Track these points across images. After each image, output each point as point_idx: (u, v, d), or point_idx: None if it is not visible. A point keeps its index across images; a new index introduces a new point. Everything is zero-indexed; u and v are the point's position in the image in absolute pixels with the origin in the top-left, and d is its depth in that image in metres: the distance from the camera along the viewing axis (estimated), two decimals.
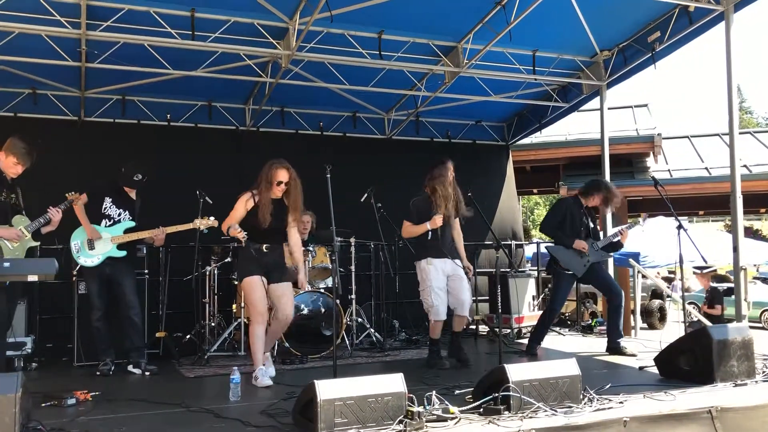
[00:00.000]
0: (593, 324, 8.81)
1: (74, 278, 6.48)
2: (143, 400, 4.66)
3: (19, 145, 5.20)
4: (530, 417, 3.86)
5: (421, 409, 3.74)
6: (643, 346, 6.98)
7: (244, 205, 5.36)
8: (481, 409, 3.98)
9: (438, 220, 5.93)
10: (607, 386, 4.57)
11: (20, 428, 3.14)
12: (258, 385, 5.12)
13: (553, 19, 7.48)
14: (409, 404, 3.72)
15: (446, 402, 3.93)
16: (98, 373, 5.79)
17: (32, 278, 4.06)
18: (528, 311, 8.22)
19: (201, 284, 7.09)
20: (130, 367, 5.98)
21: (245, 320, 6.75)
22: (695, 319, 9.26)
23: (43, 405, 4.43)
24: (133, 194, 6.17)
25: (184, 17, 6.67)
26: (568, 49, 8.32)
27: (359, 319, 7.28)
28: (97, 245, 5.85)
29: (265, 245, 5.37)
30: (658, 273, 11.79)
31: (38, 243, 5.55)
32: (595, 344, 7.32)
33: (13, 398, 3.13)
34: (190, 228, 6.02)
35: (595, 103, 9.35)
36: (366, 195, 7.15)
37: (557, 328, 8.80)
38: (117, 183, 6.10)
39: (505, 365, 4.07)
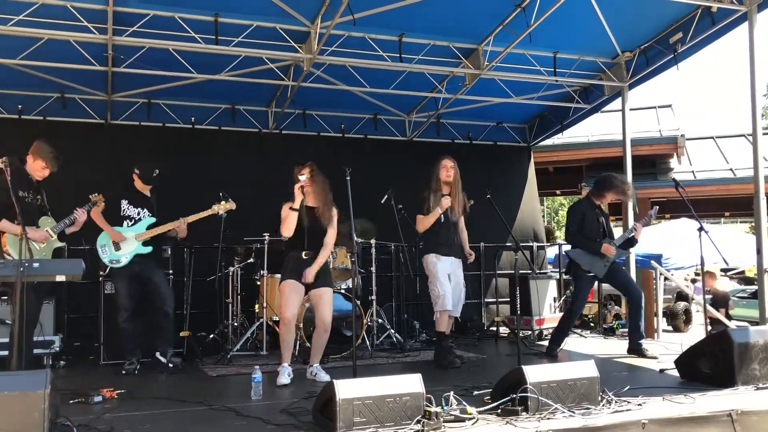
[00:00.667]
0: (615, 326, 8.78)
1: (101, 278, 6.61)
2: (167, 398, 4.77)
3: (46, 149, 5.36)
4: (548, 418, 3.89)
5: (438, 409, 3.78)
6: (665, 349, 6.94)
7: (285, 209, 5.45)
8: (499, 410, 4.02)
9: (445, 202, 6.11)
10: (626, 388, 4.56)
11: (49, 424, 3.23)
12: (276, 383, 5.20)
13: (573, 21, 7.46)
14: (426, 404, 3.77)
15: (464, 402, 3.97)
16: (124, 372, 5.91)
17: (60, 278, 4.17)
18: (549, 313, 8.21)
19: (224, 284, 7.19)
20: (157, 354, 6.10)
21: (267, 320, 6.83)
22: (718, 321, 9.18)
23: (71, 402, 4.55)
24: (147, 191, 6.27)
25: (208, 22, 6.79)
26: (590, 50, 8.29)
27: (380, 320, 7.34)
28: (123, 245, 5.97)
29: (304, 253, 5.46)
30: (687, 275, 11.66)
31: (64, 244, 5.71)
32: (617, 346, 7.29)
33: (42, 395, 3.22)
34: (209, 214, 6.11)
35: (617, 103, 9.32)
36: (386, 197, 7.20)
37: (579, 330, 8.78)
38: (129, 183, 6.20)
39: (523, 366, 4.09)
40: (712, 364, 4.94)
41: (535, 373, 4.07)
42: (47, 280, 4.22)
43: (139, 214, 6.13)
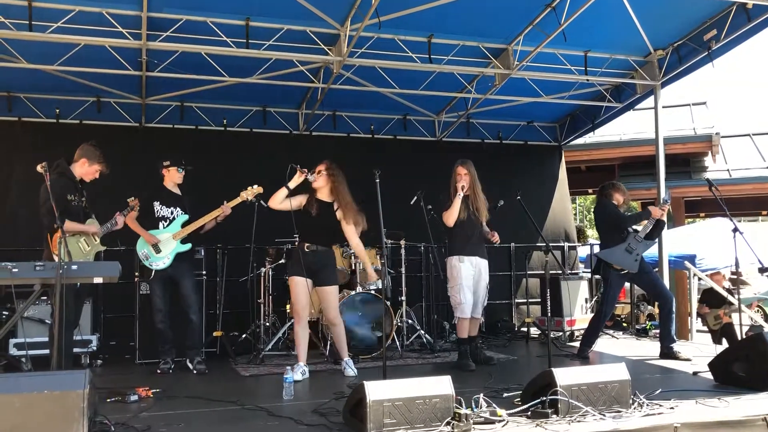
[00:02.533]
0: (648, 327, 8.68)
1: (136, 279, 6.75)
2: (200, 397, 4.85)
3: (98, 153, 5.53)
4: (578, 421, 3.88)
5: (468, 411, 3.79)
6: (699, 351, 6.85)
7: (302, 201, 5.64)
8: (529, 413, 4.02)
9: (460, 188, 6.15)
10: (658, 391, 4.53)
11: (88, 422, 3.33)
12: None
13: (604, 20, 7.39)
14: (456, 406, 3.79)
15: (494, 405, 3.98)
16: (159, 371, 6.03)
17: (98, 280, 4.28)
18: (581, 314, 8.15)
19: (256, 285, 7.29)
20: (186, 361, 6.21)
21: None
22: (756, 323, 9.02)
23: (108, 400, 4.66)
24: (176, 189, 6.37)
25: (239, 26, 6.88)
26: (621, 48, 8.20)
27: (409, 321, 7.36)
28: (162, 247, 6.09)
29: (306, 245, 5.52)
30: (724, 276, 11.44)
31: (105, 247, 5.85)
32: (650, 348, 7.22)
33: (81, 394, 3.31)
34: (239, 201, 6.18)
35: (649, 102, 9.19)
36: (415, 198, 7.22)
37: (611, 331, 8.70)
38: (159, 184, 6.32)
39: (553, 369, 4.09)
40: (747, 367, 4.86)
41: (566, 375, 4.06)
42: (85, 282, 4.33)
43: (172, 213, 6.24)
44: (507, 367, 6.31)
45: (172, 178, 6.32)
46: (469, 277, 6.13)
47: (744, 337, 7.87)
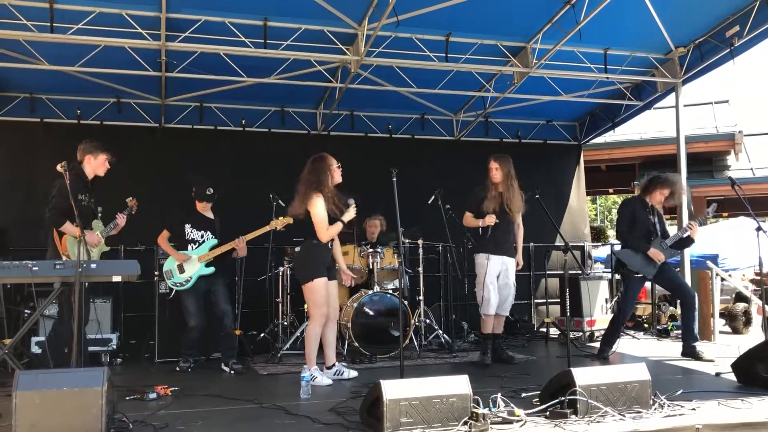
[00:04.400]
0: (670, 328, 8.57)
1: (156, 278, 6.80)
2: (218, 396, 4.87)
3: (96, 144, 5.60)
4: (597, 422, 3.83)
5: (486, 410, 3.76)
6: (722, 351, 6.75)
7: (324, 207, 5.39)
8: (548, 413, 3.98)
9: (488, 220, 6.09)
10: (679, 392, 4.47)
11: (106, 419, 3.35)
12: (317, 384, 5.18)
13: (624, 17, 7.33)
14: (473, 406, 3.76)
15: (511, 404, 3.95)
16: (177, 369, 6.08)
17: (116, 279, 4.32)
18: (601, 314, 8.06)
19: (274, 284, 7.30)
20: (222, 365, 6.22)
21: None
22: None
23: (127, 398, 4.69)
24: (209, 213, 6.44)
25: (257, 26, 6.92)
26: (641, 46, 8.12)
27: (427, 321, 7.33)
28: (187, 268, 6.15)
29: (330, 242, 5.50)
30: (744, 276, 11.28)
31: (109, 248, 5.89)
32: (671, 349, 7.13)
33: (99, 391, 3.34)
34: (267, 230, 6.24)
35: (670, 100, 9.09)
36: (433, 197, 7.20)
37: (632, 332, 8.61)
38: (192, 208, 6.37)
39: (572, 369, 4.04)
40: None
41: (585, 375, 4.01)
42: (104, 280, 4.36)
43: (202, 236, 6.30)
44: (526, 367, 6.26)
45: (200, 207, 6.40)
46: (494, 275, 6.12)
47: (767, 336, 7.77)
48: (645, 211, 6.54)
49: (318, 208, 5.35)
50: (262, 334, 7.25)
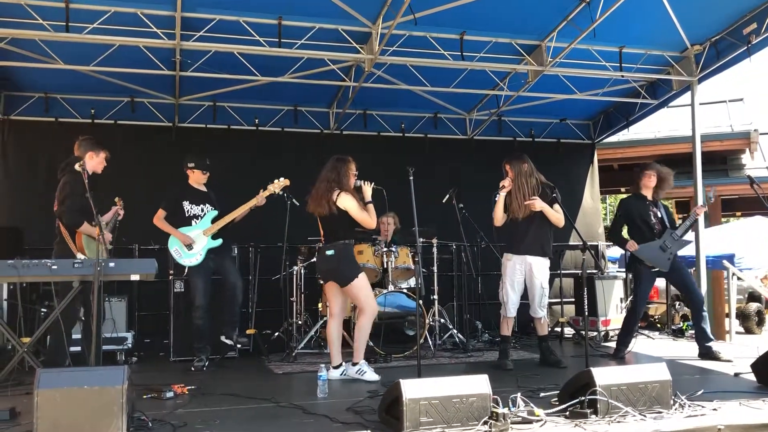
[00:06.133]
0: (685, 328, 8.52)
1: (171, 277, 6.81)
2: (235, 394, 4.87)
3: (94, 141, 5.65)
4: (618, 422, 3.80)
5: (505, 410, 3.74)
6: (740, 351, 6.70)
7: (353, 199, 5.45)
8: (567, 413, 3.95)
9: (505, 184, 6.00)
10: (700, 392, 4.43)
11: (126, 418, 3.36)
12: (365, 379, 5.31)
13: (640, 14, 7.26)
14: (493, 405, 3.74)
15: (531, 404, 3.93)
16: (192, 369, 6.07)
17: (135, 277, 4.32)
18: (615, 314, 8.02)
19: (288, 283, 7.30)
20: (222, 338, 6.26)
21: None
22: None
23: (144, 397, 4.69)
24: (202, 186, 6.45)
25: (272, 25, 6.90)
26: (657, 44, 8.06)
27: (442, 320, 7.31)
28: (195, 244, 6.14)
29: (360, 240, 5.55)
30: (758, 276, 11.20)
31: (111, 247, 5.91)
32: (687, 348, 7.08)
33: (120, 390, 3.35)
34: (268, 194, 6.27)
35: (685, 98, 9.03)
36: (447, 196, 7.17)
37: (647, 332, 8.57)
38: (185, 183, 6.38)
39: (592, 368, 4.02)
40: None
41: (605, 375, 3.98)
42: (122, 279, 4.37)
43: (202, 210, 6.32)
44: (543, 367, 6.21)
45: (197, 179, 6.41)
46: (514, 276, 6.05)
47: None
48: (644, 205, 6.56)
49: (351, 204, 5.42)
50: (276, 333, 7.24)
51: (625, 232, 6.79)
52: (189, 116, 8.86)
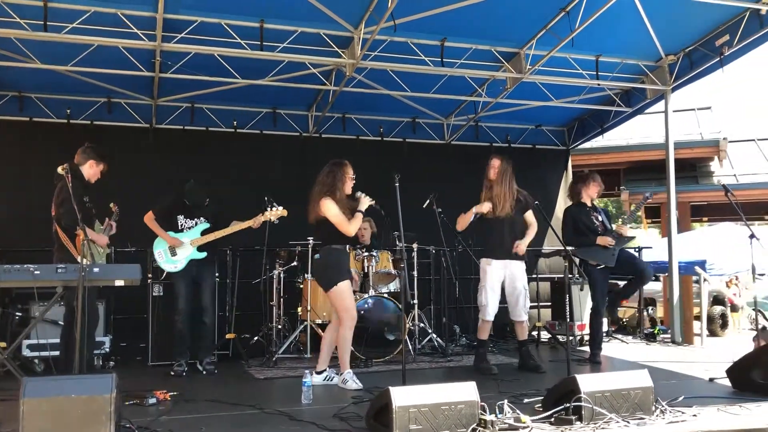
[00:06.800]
0: (656, 332, 8.68)
1: (149, 281, 6.74)
2: (219, 401, 4.83)
3: (100, 152, 5.57)
4: (602, 428, 3.87)
5: (493, 417, 3.79)
6: (708, 357, 6.88)
7: (336, 206, 5.40)
8: (552, 419, 4.01)
9: (484, 206, 6.08)
10: (680, 398, 4.52)
11: (115, 427, 3.32)
12: (347, 389, 5.25)
13: (617, 24, 7.39)
14: (481, 412, 3.78)
15: (518, 411, 3.98)
16: (172, 373, 6.01)
17: (119, 283, 4.27)
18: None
19: (268, 287, 7.27)
20: (197, 364, 6.24)
21: (311, 323, 6.88)
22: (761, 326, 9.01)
23: (126, 403, 4.63)
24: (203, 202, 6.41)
25: (254, 28, 6.87)
26: (633, 53, 8.20)
27: (421, 324, 7.35)
28: (179, 250, 6.11)
29: (348, 246, 5.51)
30: (730, 280, 11.44)
31: (110, 249, 5.86)
32: (661, 353, 7.24)
33: (108, 398, 3.31)
34: (263, 221, 6.17)
35: (657, 106, 9.20)
36: (428, 201, 7.20)
37: (620, 336, 8.71)
38: (184, 201, 6.33)
39: (576, 375, 4.08)
40: (765, 374, 4.85)
41: (589, 382, 4.05)
42: (107, 284, 4.32)
43: (196, 224, 6.28)
44: (522, 372, 6.27)
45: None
46: (495, 280, 6.09)
47: (754, 340, 7.91)
48: (585, 211, 6.80)
49: (331, 209, 5.37)
50: (255, 338, 7.19)
51: None
52: (167, 118, 8.76)
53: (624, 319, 9.91)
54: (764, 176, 11.84)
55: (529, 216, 6.33)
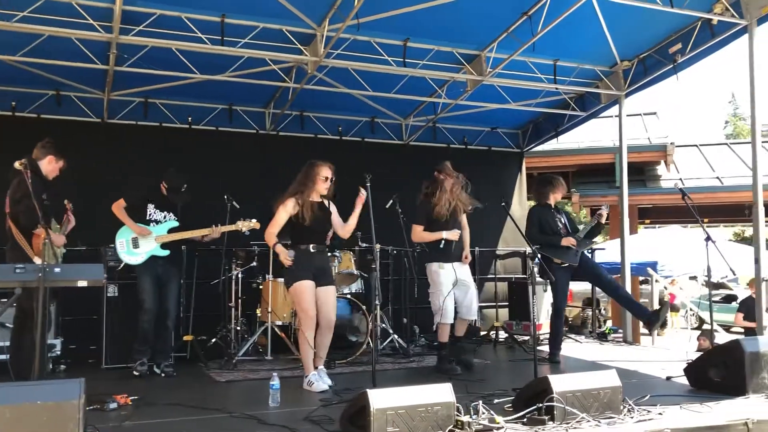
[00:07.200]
0: (607, 331, 8.87)
1: (104, 280, 6.49)
2: (183, 405, 4.69)
3: (57, 147, 5.34)
4: (575, 428, 3.92)
5: (468, 418, 3.78)
6: (665, 355, 7.08)
7: (285, 210, 5.37)
8: (525, 419, 4.03)
9: (455, 235, 6.19)
10: (647, 397, 4.62)
11: None
12: (314, 390, 5.17)
13: (576, 30, 7.49)
14: (457, 414, 3.78)
15: (491, 412, 3.99)
16: (136, 373, 5.83)
17: (82, 283, 4.09)
18: (546, 319, 8.27)
19: (226, 288, 7.11)
20: (154, 367, 6.05)
21: (271, 324, 6.77)
22: (706, 327, 9.34)
23: (87, 408, 4.43)
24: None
25: (214, 22, 6.70)
26: (589, 58, 8.37)
27: (383, 325, 7.31)
28: (142, 243, 5.94)
29: (311, 245, 5.42)
30: (673, 281, 11.79)
31: (66, 249, 5.63)
32: (615, 352, 7.40)
33: (77, 404, 3.17)
34: (232, 230, 6.09)
35: (609, 110, 9.39)
36: (391, 201, 7.18)
37: (573, 335, 8.87)
38: (158, 189, 6.16)
39: (549, 376, 4.12)
40: (722, 372, 5.01)
41: (560, 382, 4.09)
42: (69, 285, 4.12)
43: (165, 217, 6.12)
44: (484, 372, 6.32)
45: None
46: (450, 283, 6.12)
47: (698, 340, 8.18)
48: (550, 213, 6.91)
49: (279, 212, 5.39)
50: (213, 340, 7.02)
51: None
52: (119, 112, 8.47)
53: (570, 319, 10.10)
54: (707, 181, 12.27)
55: (464, 220, 6.47)
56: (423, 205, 6.34)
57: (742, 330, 9.48)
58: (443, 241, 6.18)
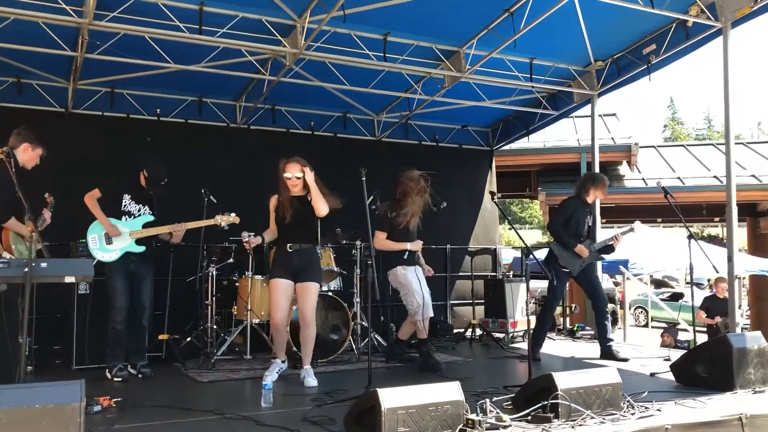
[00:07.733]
0: (576, 329, 8.96)
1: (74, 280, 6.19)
2: (170, 406, 4.49)
3: (36, 136, 5.09)
4: (580, 425, 3.90)
5: (477, 416, 3.72)
6: (636, 351, 7.18)
7: (271, 206, 5.45)
8: (530, 417, 3.99)
9: (418, 246, 6.29)
10: (644, 393, 4.65)
11: None
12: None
13: (554, 29, 7.50)
14: (466, 412, 3.71)
15: (498, 410, 3.94)
16: (118, 378, 5.52)
17: (70, 279, 3.86)
18: (521, 316, 8.29)
19: (202, 286, 6.88)
20: (129, 368, 5.78)
21: (251, 323, 6.59)
22: (667, 325, 9.55)
23: None
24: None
25: (192, 10, 6.46)
26: (564, 57, 8.42)
27: (363, 323, 7.20)
28: (115, 240, 5.63)
29: (288, 245, 5.31)
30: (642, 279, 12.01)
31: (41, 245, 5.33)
32: (588, 349, 7.44)
33: (78, 408, 2.97)
34: (211, 224, 5.89)
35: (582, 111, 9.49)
36: (372, 197, 7.06)
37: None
38: (135, 179, 5.90)
39: (553, 373, 4.09)
40: (710, 369, 5.08)
41: (564, 379, 4.07)
42: (56, 281, 3.88)
43: (139, 210, 5.82)
44: (466, 369, 6.27)
45: (144, 184, 5.93)
46: (417, 282, 6.17)
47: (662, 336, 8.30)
48: (584, 212, 6.85)
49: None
50: (188, 339, 6.79)
51: None
52: (84, 102, 8.11)
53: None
54: (669, 181, 12.48)
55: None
56: (387, 211, 6.29)
57: (705, 327, 9.76)
58: (407, 252, 6.22)
